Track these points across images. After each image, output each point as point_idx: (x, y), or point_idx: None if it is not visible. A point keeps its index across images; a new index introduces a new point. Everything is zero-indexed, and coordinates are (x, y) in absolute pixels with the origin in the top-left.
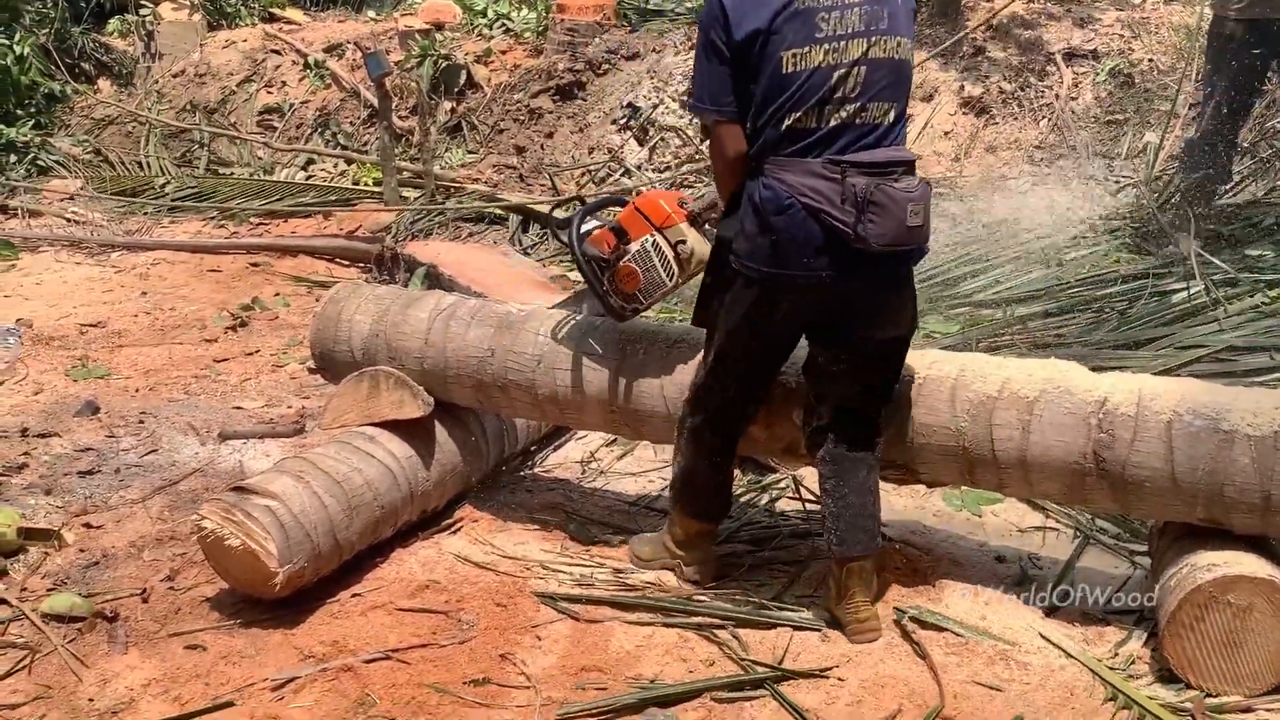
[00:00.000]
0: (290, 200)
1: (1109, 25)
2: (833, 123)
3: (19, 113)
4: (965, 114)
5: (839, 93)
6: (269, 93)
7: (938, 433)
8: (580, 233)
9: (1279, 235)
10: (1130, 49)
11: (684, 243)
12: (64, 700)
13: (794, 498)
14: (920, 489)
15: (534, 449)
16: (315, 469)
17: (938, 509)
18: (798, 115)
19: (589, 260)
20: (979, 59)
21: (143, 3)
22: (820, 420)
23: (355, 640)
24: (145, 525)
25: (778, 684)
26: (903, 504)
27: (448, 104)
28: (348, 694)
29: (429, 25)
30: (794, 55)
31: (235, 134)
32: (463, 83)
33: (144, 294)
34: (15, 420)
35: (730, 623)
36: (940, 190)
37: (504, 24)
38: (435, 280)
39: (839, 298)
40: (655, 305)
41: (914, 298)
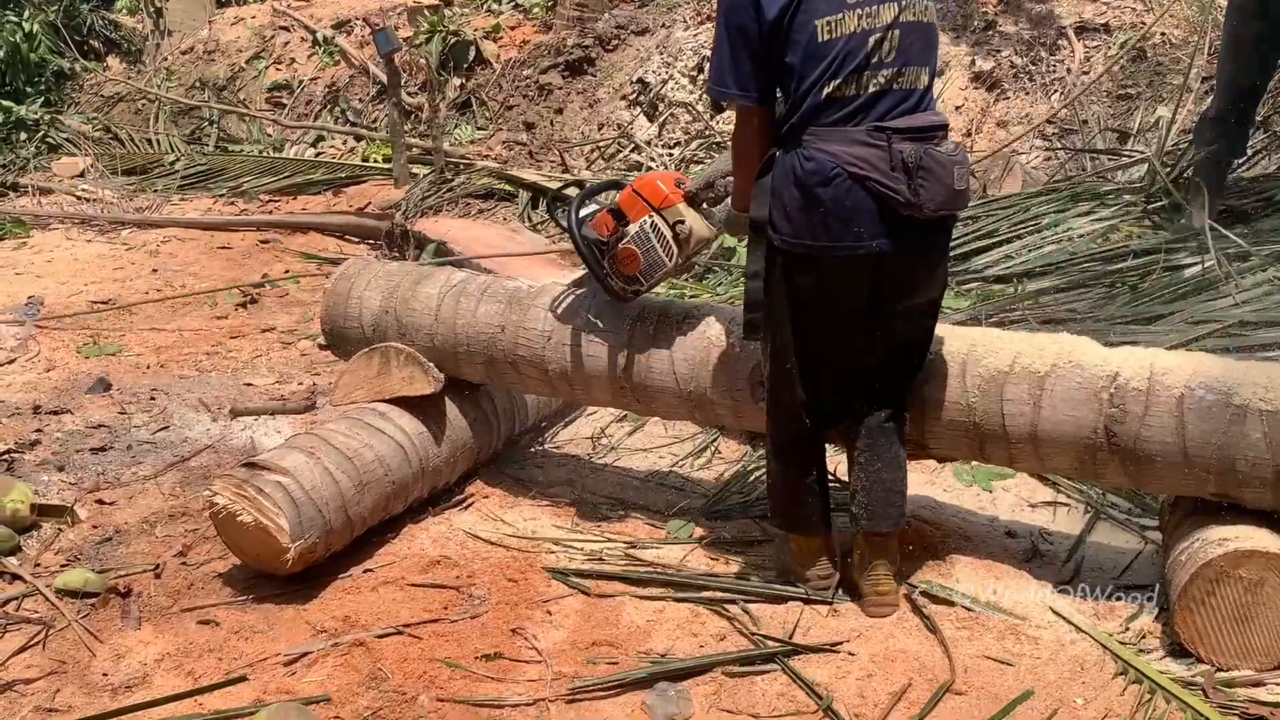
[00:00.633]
0: (300, 177)
1: None
2: (871, 89)
3: (29, 90)
4: (976, 89)
5: (875, 58)
6: (278, 69)
7: (949, 408)
8: (578, 217)
9: None
10: (1142, 22)
11: (682, 223)
12: (78, 675)
13: None
14: (931, 464)
15: (544, 425)
16: (326, 445)
17: (948, 484)
18: (837, 83)
19: (588, 244)
20: (990, 33)
21: None
22: (846, 395)
23: (367, 615)
24: (157, 501)
25: (788, 658)
26: (913, 479)
27: (457, 80)
28: (360, 668)
29: (438, 1)
30: (828, 23)
31: (244, 111)
32: (472, 59)
33: (154, 271)
34: (27, 397)
35: (741, 597)
36: None
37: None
38: (445, 257)
39: (888, 268)
40: (657, 287)
41: (947, 258)
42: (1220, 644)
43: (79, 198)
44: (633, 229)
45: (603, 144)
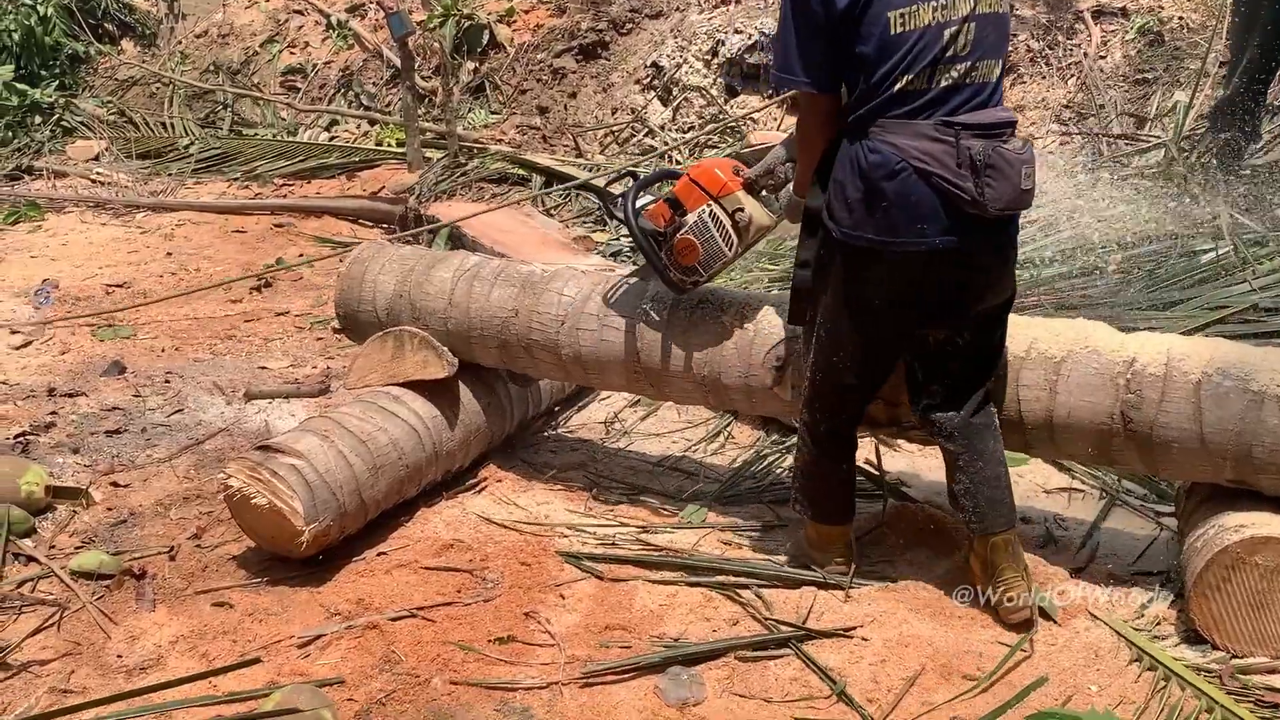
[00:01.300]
0: (314, 161)
1: None
2: (943, 83)
3: (43, 74)
4: None
5: (950, 51)
6: (292, 53)
7: None
8: (635, 208)
9: None
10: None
11: (741, 210)
12: (93, 656)
13: None
14: None
15: (557, 409)
16: (340, 428)
17: None
18: (910, 77)
19: (645, 235)
20: None
21: None
22: (933, 399)
23: (381, 598)
24: (172, 484)
25: (801, 643)
26: (929, 465)
27: (470, 64)
28: (373, 651)
29: None
30: (901, 15)
31: (259, 95)
32: (485, 43)
33: (169, 255)
34: (43, 380)
35: (754, 582)
36: None
37: None
38: (458, 241)
39: (951, 266)
40: (716, 277)
41: (1015, 260)
42: (1236, 631)
43: (94, 181)
44: (691, 219)
45: (616, 128)
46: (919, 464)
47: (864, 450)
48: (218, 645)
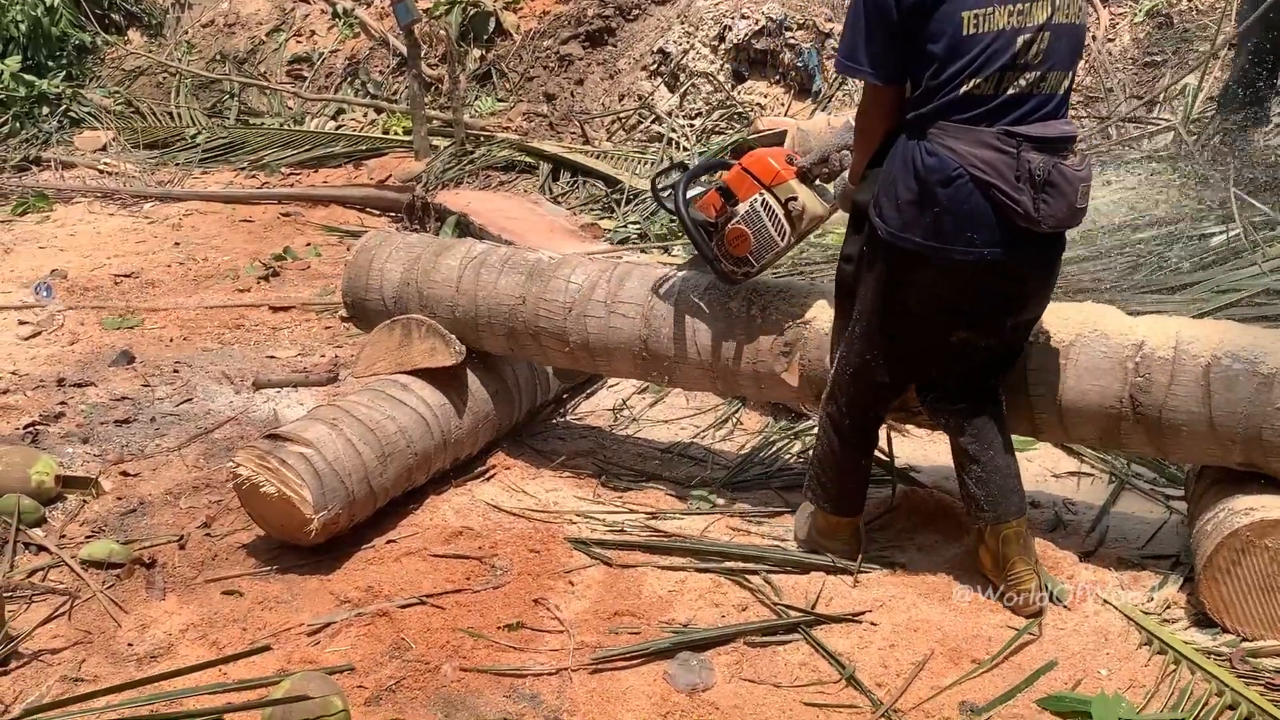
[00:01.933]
0: (321, 150)
1: None
2: (1010, 91)
3: (50, 65)
4: None
5: (1021, 60)
6: (298, 42)
7: None
8: (686, 198)
9: None
10: None
11: (795, 200)
12: (103, 645)
13: None
14: None
15: (566, 396)
16: (349, 416)
17: None
18: (977, 81)
19: (697, 225)
20: None
21: None
22: (943, 392)
23: (390, 586)
24: (181, 473)
25: (811, 628)
26: (936, 450)
27: (477, 51)
28: (383, 638)
29: None
30: (975, 16)
31: (265, 84)
32: (492, 30)
33: (177, 244)
34: (52, 370)
35: (763, 568)
36: None
37: None
38: (466, 229)
39: (997, 277)
40: (769, 267)
41: (1058, 274)
42: (1246, 614)
43: (101, 171)
44: (742, 208)
45: (623, 115)
46: (928, 449)
47: None
48: (228, 633)
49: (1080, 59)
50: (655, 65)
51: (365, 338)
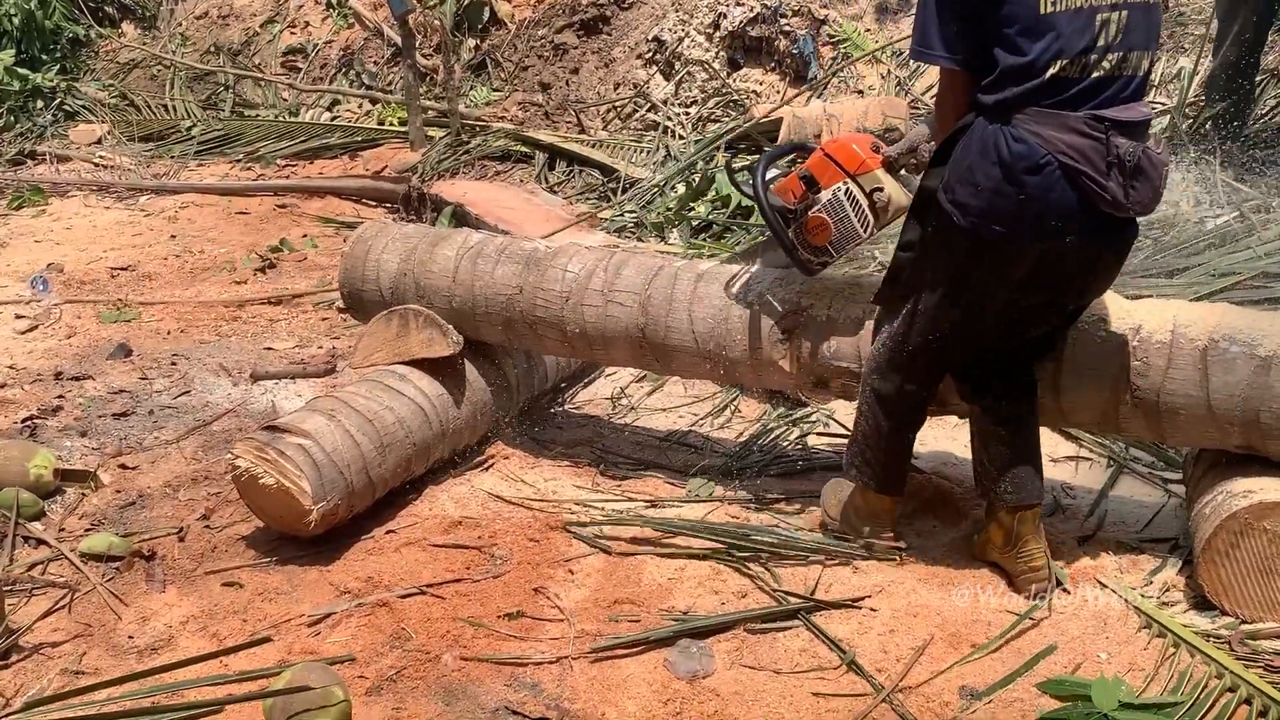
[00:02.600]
0: (316, 141)
1: None
2: (1095, 74)
3: (44, 58)
4: None
5: (1101, 40)
6: (292, 33)
7: None
8: (764, 181)
9: None
10: None
11: (880, 190)
12: (104, 638)
13: (823, 433)
14: (952, 420)
15: (564, 386)
16: (347, 407)
17: (969, 440)
18: (1063, 63)
19: (775, 211)
20: None
21: None
22: (982, 374)
23: (390, 576)
24: (180, 465)
25: (810, 615)
26: (934, 435)
27: (471, 41)
28: (383, 629)
29: None
30: None
31: (260, 76)
32: (486, 19)
33: (173, 237)
34: (49, 364)
35: (763, 552)
36: None
37: None
38: (462, 219)
39: (1075, 263)
40: (845, 258)
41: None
42: (1245, 597)
43: (96, 165)
44: (825, 196)
45: (619, 103)
46: (925, 434)
47: None
48: (228, 625)
49: (1159, 38)
50: (650, 53)
51: (362, 329)
